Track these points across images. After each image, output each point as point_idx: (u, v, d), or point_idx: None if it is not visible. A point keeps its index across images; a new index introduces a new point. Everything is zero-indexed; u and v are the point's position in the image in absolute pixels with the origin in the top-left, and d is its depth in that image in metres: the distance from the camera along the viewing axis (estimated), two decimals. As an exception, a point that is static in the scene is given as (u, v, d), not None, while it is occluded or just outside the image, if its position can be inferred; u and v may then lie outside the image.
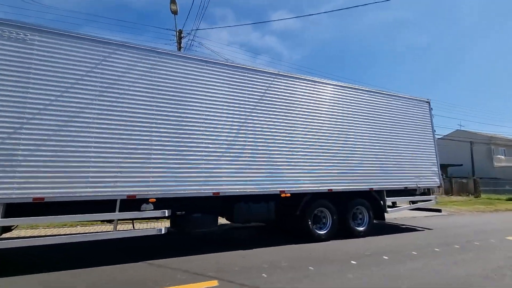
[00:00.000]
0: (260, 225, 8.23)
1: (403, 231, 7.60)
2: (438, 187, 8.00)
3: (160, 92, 4.94)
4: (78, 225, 6.75)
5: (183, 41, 9.93)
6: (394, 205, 7.90)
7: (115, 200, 4.38)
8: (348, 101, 6.88)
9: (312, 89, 6.45)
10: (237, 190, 5.23)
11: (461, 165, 28.72)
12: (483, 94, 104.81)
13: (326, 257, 4.87)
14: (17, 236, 5.18)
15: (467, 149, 30.14)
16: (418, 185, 7.50)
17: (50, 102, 4.19)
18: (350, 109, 6.83)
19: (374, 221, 7.97)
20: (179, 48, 9.88)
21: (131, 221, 5.54)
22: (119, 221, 4.85)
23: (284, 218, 6.17)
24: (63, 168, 4.10)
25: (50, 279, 3.68)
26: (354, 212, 6.67)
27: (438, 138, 31.37)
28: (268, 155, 5.63)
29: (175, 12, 8.62)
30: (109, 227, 6.83)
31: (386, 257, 4.85)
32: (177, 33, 9.86)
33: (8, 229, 4.96)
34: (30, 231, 6.59)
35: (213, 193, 5.04)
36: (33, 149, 3.99)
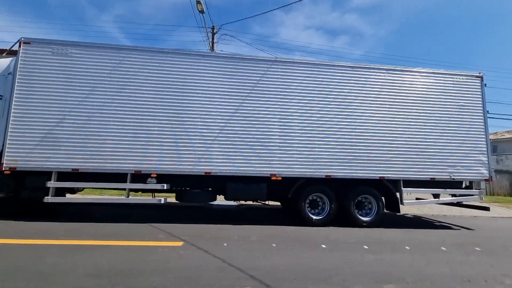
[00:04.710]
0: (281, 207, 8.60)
1: (429, 227, 6.68)
2: (486, 180, 6.59)
3: (164, 86, 5.86)
4: (105, 194, 8.73)
5: (216, 36, 10.81)
6: (437, 197, 6.89)
7: (127, 174, 5.59)
8: (357, 82, 6.38)
9: (312, 72, 6.28)
10: (227, 171, 5.78)
11: None
12: None
13: (300, 238, 4.97)
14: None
15: None
16: (453, 177, 6.40)
17: (83, 98, 5.62)
18: (358, 92, 6.34)
19: (408, 215, 7.33)
20: (212, 44, 10.80)
21: (150, 194, 6.78)
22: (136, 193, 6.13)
23: (279, 200, 6.41)
24: (89, 148, 5.50)
25: (72, 228, 5.13)
26: (360, 201, 6.31)
27: None
28: (260, 140, 5.93)
29: (202, 11, 9.47)
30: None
31: (366, 247, 4.61)
32: (211, 29, 10.77)
33: (72, 191, 6.91)
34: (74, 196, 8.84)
35: (205, 172, 5.73)
36: (71, 133, 5.50)
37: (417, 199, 7.70)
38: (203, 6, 9.19)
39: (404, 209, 9.15)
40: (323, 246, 4.55)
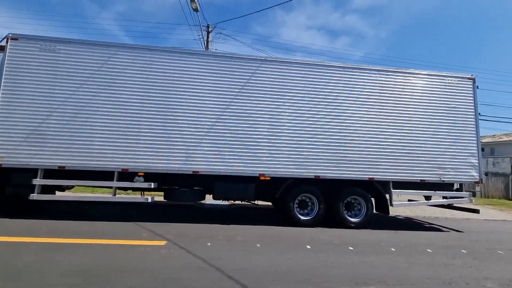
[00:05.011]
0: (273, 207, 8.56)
1: (419, 229, 6.66)
2: (476, 182, 6.57)
3: (151, 83, 5.81)
4: (98, 192, 8.71)
5: (211, 35, 10.76)
6: (429, 199, 6.91)
7: (114, 172, 5.55)
8: (348, 83, 6.34)
9: (302, 71, 6.25)
10: (215, 170, 5.75)
11: None
12: None
13: (286, 239, 4.95)
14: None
15: None
16: (442, 179, 6.37)
17: (69, 95, 5.58)
18: (348, 92, 6.31)
19: (400, 216, 7.30)
20: (207, 42, 10.76)
21: (140, 193, 6.74)
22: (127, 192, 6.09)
23: (268, 200, 6.38)
24: (76, 145, 5.46)
25: (57, 226, 5.09)
26: (349, 202, 6.28)
27: None
28: (249, 139, 5.89)
29: (196, 10, 9.43)
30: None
31: (351, 248, 4.58)
32: (206, 28, 10.73)
33: (62, 189, 6.87)
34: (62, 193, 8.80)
35: (193, 171, 5.70)
36: (58, 130, 5.46)
37: (409, 200, 7.69)
38: (197, 5, 9.16)
39: (397, 211, 9.14)
40: (308, 247, 4.53)
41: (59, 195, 5.86)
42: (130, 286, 2.79)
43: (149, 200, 5.66)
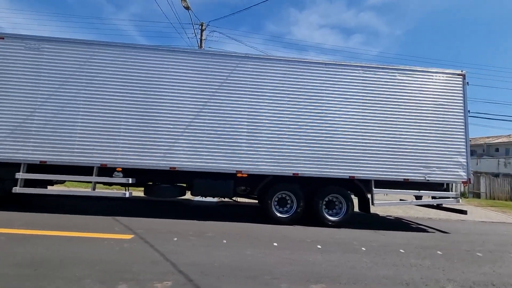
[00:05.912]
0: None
1: (403, 229, 6.49)
2: (464, 182, 6.34)
3: (132, 80, 5.91)
4: (88, 187, 8.93)
5: (204, 33, 10.82)
6: (419, 199, 6.70)
7: (93, 167, 5.69)
8: (330, 79, 6.24)
9: (282, 68, 6.18)
10: (193, 167, 5.79)
11: None
12: None
13: (257, 236, 4.94)
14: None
15: None
16: (427, 178, 6.18)
17: (52, 93, 5.74)
18: (330, 89, 6.20)
19: (390, 217, 7.18)
20: (200, 41, 10.82)
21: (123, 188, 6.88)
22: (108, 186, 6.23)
23: (250, 197, 6.39)
24: (58, 141, 5.62)
25: (34, 219, 5.26)
26: (330, 200, 6.20)
27: None
28: (227, 136, 5.90)
29: (187, 8, 9.48)
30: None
31: (320, 246, 4.53)
32: (200, 26, 10.79)
33: (50, 183, 7.10)
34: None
35: (170, 167, 5.76)
36: (41, 127, 5.63)
37: (401, 200, 7.52)
38: (188, 3, 9.21)
39: (389, 211, 8.97)
40: (275, 244, 4.50)
41: (41, 189, 6.03)
42: (77, 277, 2.87)
43: (127, 195, 5.78)
